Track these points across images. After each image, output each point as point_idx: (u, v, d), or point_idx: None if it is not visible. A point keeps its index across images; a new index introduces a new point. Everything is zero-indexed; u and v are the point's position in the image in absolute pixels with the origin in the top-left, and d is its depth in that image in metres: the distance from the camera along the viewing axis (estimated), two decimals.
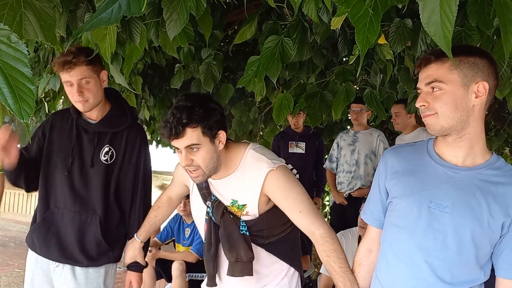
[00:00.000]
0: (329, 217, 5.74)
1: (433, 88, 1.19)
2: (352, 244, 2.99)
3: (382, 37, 2.07)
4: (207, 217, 1.60)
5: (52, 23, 1.30)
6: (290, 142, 4.20)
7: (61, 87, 4.02)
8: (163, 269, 3.63)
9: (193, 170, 1.47)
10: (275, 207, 1.56)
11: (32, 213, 1.94)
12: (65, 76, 1.73)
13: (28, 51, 0.79)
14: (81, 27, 0.95)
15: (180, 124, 1.39)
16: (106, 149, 1.86)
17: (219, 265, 1.63)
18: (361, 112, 3.84)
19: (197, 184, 1.61)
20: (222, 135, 1.50)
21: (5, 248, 6.31)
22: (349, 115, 4.45)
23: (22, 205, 11.96)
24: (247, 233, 1.53)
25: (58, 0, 1.44)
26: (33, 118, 5.27)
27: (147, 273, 3.55)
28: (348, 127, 4.80)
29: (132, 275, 1.90)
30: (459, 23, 1.79)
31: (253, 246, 1.55)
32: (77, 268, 1.84)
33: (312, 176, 4.28)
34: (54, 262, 1.85)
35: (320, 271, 3.23)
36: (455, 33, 1.77)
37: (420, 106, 1.21)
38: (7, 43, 0.75)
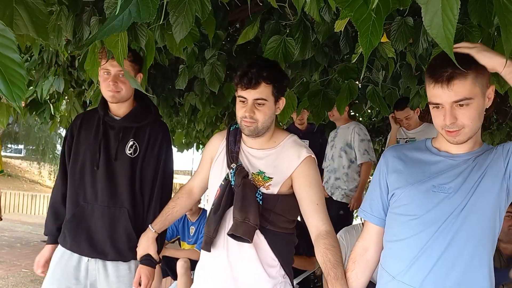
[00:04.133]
0: None
1: (461, 104, 1.20)
2: (356, 240, 3.00)
3: (384, 35, 2.09)
4: (223, 183, 1.64)
5: (44, 19, 1.30)
6: None
7: (65, 88, 4.05)
8: (168, 267, 3.67)
9: (250, 122, 1.58)
10: (290, 198, 1.61)
11: (37, 214, 1.97)
12: (106, 65, 1.81)
13: (16, 38, 0.78)
14: (94, 35, 0.97)
15: (260, 76, 1.53)
16: (131, 143, 1.91)
17: (219, 232, 1.62)
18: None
19: (228, 147, 1.69)
20: (282, 101, 1.65)
21: (12, 249, 6.35)
22: (351, 111, 4.46)
23: (27, 206, 12.01)
24: (261, 203, 1.57)
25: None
26: (37, 119, 5.29)
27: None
28: None
29: (143, 269, 1.84)
30: (460, 20, 1.81)
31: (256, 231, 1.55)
32: (109, 264, 1.88)
33: None
34: (86, 257, 1.89)
35: None
36: (455, 31, 1.78)
37: (450, 124, 1.22)
38: None
